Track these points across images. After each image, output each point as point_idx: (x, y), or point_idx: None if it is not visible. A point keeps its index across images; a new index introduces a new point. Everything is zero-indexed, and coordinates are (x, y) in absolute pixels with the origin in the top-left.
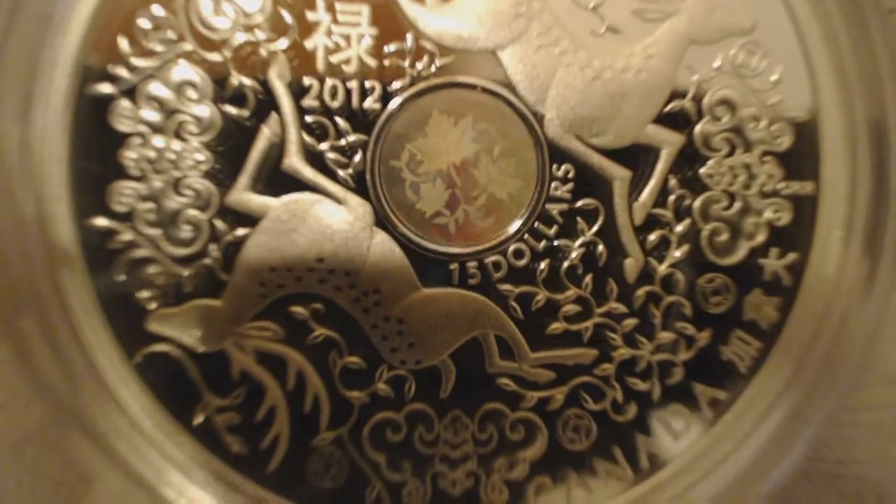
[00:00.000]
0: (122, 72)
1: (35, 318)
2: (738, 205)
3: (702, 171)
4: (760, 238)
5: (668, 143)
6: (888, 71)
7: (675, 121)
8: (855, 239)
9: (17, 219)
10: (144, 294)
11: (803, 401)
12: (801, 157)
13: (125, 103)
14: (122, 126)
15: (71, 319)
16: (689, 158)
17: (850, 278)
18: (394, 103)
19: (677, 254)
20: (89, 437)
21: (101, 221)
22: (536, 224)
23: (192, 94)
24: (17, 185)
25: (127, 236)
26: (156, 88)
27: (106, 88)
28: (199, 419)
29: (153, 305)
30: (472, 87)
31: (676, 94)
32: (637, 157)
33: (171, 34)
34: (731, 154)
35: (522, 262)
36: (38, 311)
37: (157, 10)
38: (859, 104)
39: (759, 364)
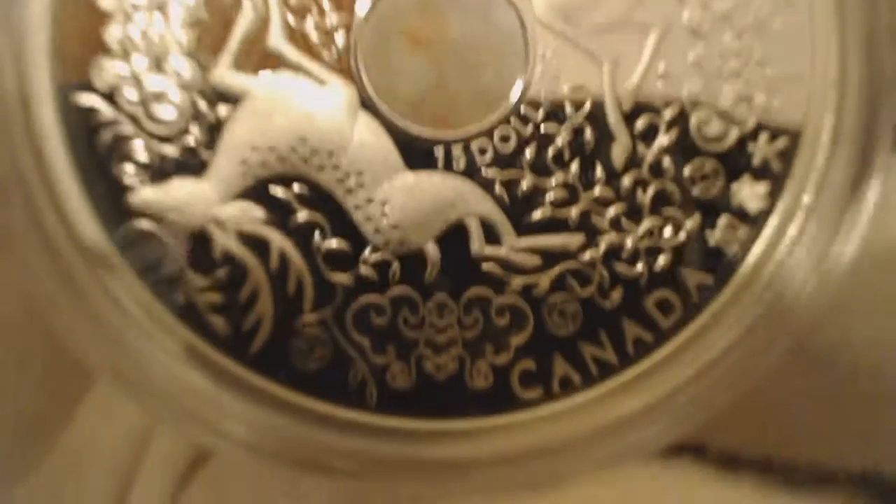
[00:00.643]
0: None
1: (20, 197)
2: (727, 90)
3: (691, 55)
4: (750, 123)
5: (657, 25)
6: None
7: (665, 4)
8: (846, 127)
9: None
10: (127, 171)
11: (793, 287)
12: (791, 41)
13: None
14: (105, 3)
15: (54, 196)
16: (678, 43)
17: (839, 165)
18: None
19: (665, 139)
20: (76, 316)
21: (83, 98)
22: (523, 108)
23: None
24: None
25: (109, 114)
26: None
27: None
28: (181, 298)
29: (136, 183)
30: None
31: None
32: (626, 40)
33: None
34: (720, 39)
35: (509, 147)
36: (23, 190)
37: None
38: None
39: (747, 249)
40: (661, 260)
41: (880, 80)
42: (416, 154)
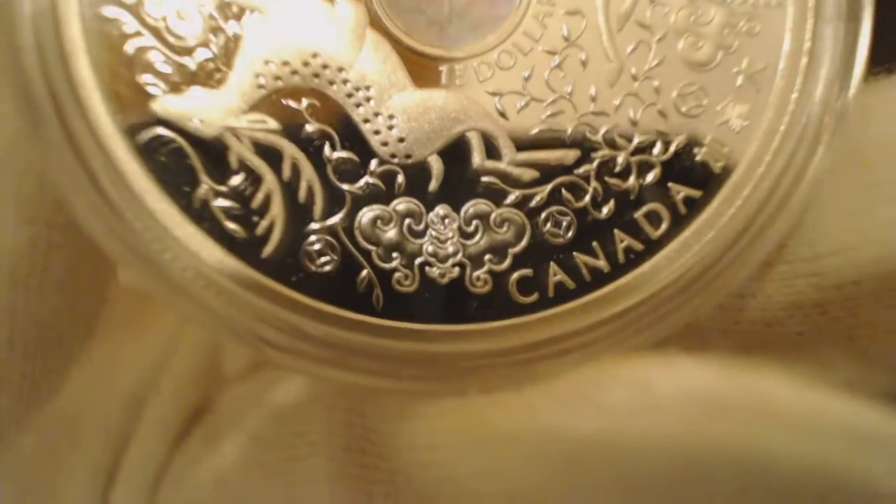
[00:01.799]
0: None
1: (47, 100)
2: (713, 14)
3: None
4: (734, 47)
5: None
6: None
7: None
8: (822, 49)
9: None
10: (149, 81)
11: (775, 199)
12: None
13: None
14: None
15: (80, 102)
16: None
17: (816, 87)
18: None
19: (656, 61)
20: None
21: (107, 10)
22: (523, 30)
23: None
24: None
25: (132, 26)
26: None
27: None
28: (197, 203)
29: (156, 92)
30: None
31: None
32: None
33: None
34: None
35: (509, 67)
36: (50, 94)
37: None
38: None
39: (731, 164)
40: (651, 174)
41: (855, 8)
42: (421, 71)
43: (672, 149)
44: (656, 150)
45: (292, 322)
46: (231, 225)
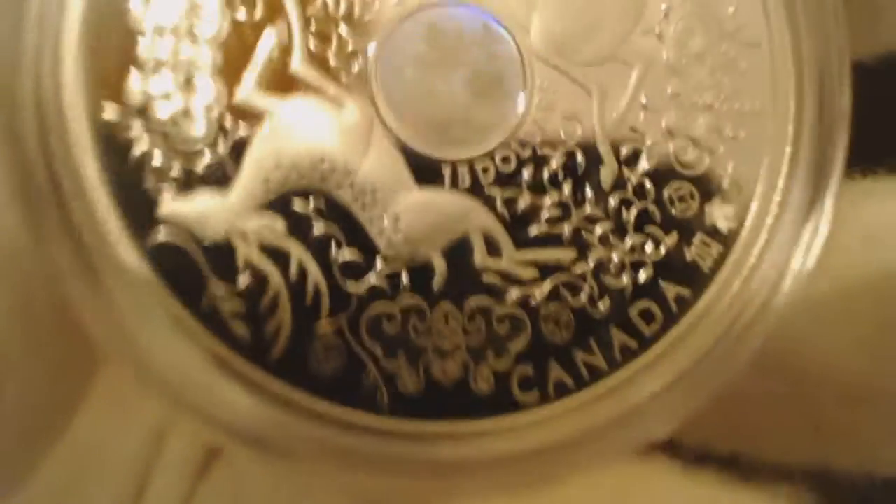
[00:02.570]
0: None
1: (53, 204)
2: (701, 121)
3: (669, 90)
4: (720, 151)
5: (640, 61)
6: (832, 9)
7: (647, 42)
8: (801, 157)
9: (39, 121)
10: (156, 184)
11: (758, 300)
12: (754, 80)
13: (139, 2)
14: (136, 25)
15: (86, 205)
16: (658, 78)
17: (796, 189)
18: (392, 14)
19: (647, 164)
20: (103, 318)
21: (115, 113)
22: (522, 133)
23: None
24: (41, 74)
25: (139, 129)
26: None
27: None
28: (205, 305)
29: (164, 197)
30: (463, 2)
31: (647, 18)
32: (613, 73)
33: None
34: (694, 75)
35: (509, 168)
36: (57, 199)
37: None
38: (806, 37)
39: (719, 264)
40: (644, 273)
41: (832, 117)
42: (425, 172)
43: (663, 249)
44: (649, 249)
45: (297, 423)
46: (238, 327)
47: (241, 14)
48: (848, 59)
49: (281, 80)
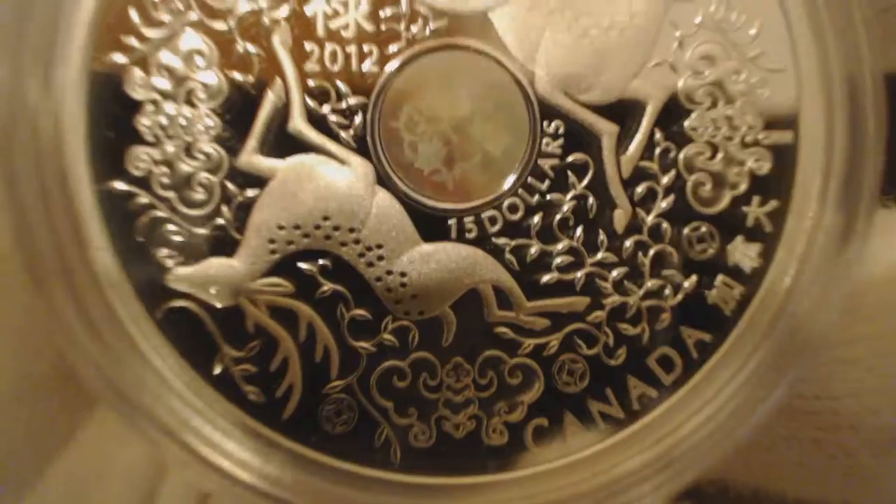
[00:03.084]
0: (133, 42)
1: (61, 279)
2: (720, 155)
3: (686, 123)
4: (743, 187)
5: (653, 97)
6: (862, 25)
7: (660, 76)
8: (833, 187)
9: (41, 187)
10: (163, 253)
11: (785, 342)
12: (780, 108)
13: (138, 72)
14: (136, 94)
15: (95, 279)
16: (673, 112)
17: (827, 223)
18: (391, 66)
19: (664, 204)
20: (115, 391)
21: (119, 185)
22: (529, 179)
23: (199, 61)
24: (41, 155)
25: (144, 199)
26: (165, 57)
27: (119, 58)
28: (218, 370)
29: (171, 264)
30: (465, 48)
31: (660, 50)
32: (624, 112)
33: (178, 4)
34: (713, 107)
35: (517, 216)
36: (65, 274)
37: None
38: (834, 57)
39: (742, 308)
40: (662, 319)
41: (865, 142)
42: (430, 226)
43: (682, 292)
44: (666, 293)
45: (311, 480)
46: (251, 389)
47: (238, 76)
48: (881, 80)
49: (281, 141)
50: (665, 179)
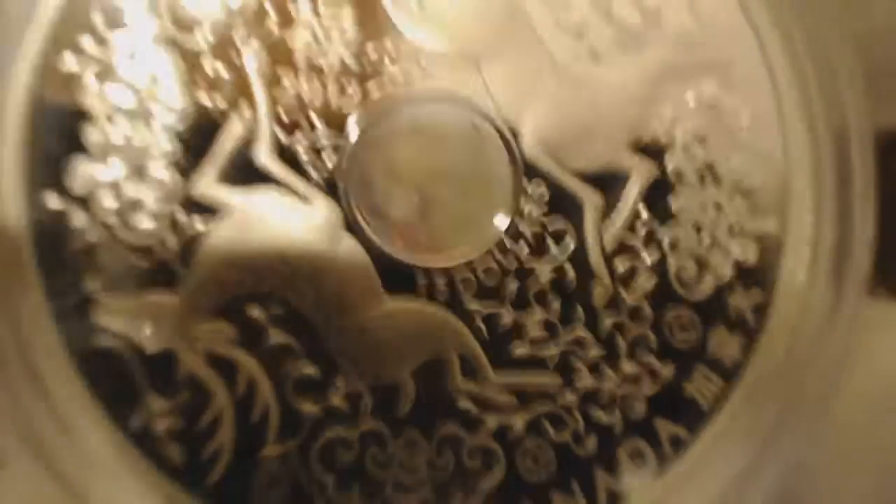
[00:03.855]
0: (91, 47)
1: None
2: (706, 240)
3: (673, 203)
4: (727, 275)
5: (641, 171)
6: (854, 120)
7: (649, 151)
8: (819, 279)
9: None
10: (94, 283)
11: (765, 441)
12: (768, 197)
13: (93, 80)
14: (88, 103)
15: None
16: (661, 189)
17: (812, 323)
18: (372, 106)
19: (646, 285)
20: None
21: (55, 202)
22: (508, 243)
23: (163, 78)
24: None
25: (81, 220)
26: (126, 68)
27: (73, 63)
28: (137, 422)
29: (102, 296)
30: (453, 96)
31: (651, 126)
32: (610, 183)
33: (146, 10)
34: (701, 188)
35: (492, 282)
36: None
37: None
38: (825, 149)
39: (721, 402)
40: (637, 408)
41: (851, 241)
42: (397, 281)
43: (659, 382)
44: (643, 382)
45: None
46: (174, 449)
47: (205, 98)
48: (873, 174)
49: (243, 173)
50: (648, 258)
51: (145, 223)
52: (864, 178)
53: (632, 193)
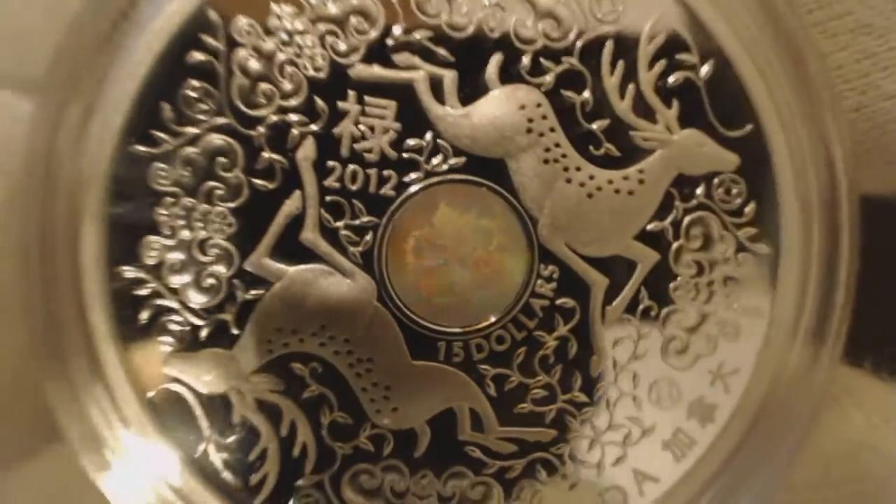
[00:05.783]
0: (162, 135)
1: (61, 356)
2: (696, 319)
3: (671, 286)
4: (710, 351)
5: (645, 258)
6: (847, 216)
7: (654, 239)
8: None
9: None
10: (163, 339)
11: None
12: (758, 287)
13: (162, 164)
14: (158, 185)
15: (96, 358)
16: (661, 273)
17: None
18: (406, 193)
19: (637, 356)
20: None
21: (130, 271)
22: (519, 315)
23: (224, 163)
24: (58, 230)
25: (152, 286)
26: (192, 154)
27: (146, 149)
28: (199, 453)
29: (170, 350)
30: (479, 185)
31: (658, 217)
32: (616, 267)
33: (211, 105)
34: (699, 275)
35: (502, 348)
36: (64, 350)
37: (202, 82)
38: (817, 245)
39: (691, 458)
40: (618, 457)
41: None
42: (421, 346)
43: (640, 436)
44: (626, 434)
45: None
46: (227, 476)
47: (259, 182)
48: (854, 279)
49: (291, 248)
50: (643, 335)
51: (206, 291)
52: (848, 283)
53: (634, 278)
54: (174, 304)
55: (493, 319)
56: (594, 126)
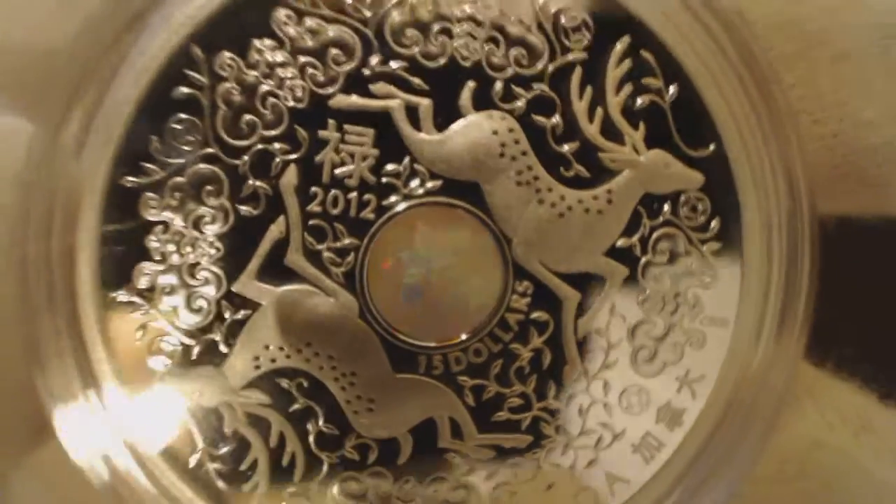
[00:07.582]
0: (151, 166)
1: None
2: (664, 329)
3: (639, 299)
4: (677, 359)
5: (615, 273)
6: (807, 230)
7: (623, 255)
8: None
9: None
10: (157, 359)
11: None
12: (722, 298)
13: (152, 194)
14: (149, 214)
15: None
16: (630, 287)
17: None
18: (386, 216)
19: (609, 364)
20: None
21: (123, 296)
22: (496, 329)
23: (211, 190)
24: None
25: (145, 309)
26: (180, 184)
27: (136, 180)
28: (193, 463)
29: (161, 369)
30: (455, 207)
31: (626, 233)
32: (587, 282)
33: (197, 137)
34: (666, 287)
35: (480, 360)
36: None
37: (188, 115)
38: (778, 258)
39: (660, 460)
40: (591, 462)
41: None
42: (402, 360)
43: (611, 440)
44: (597, 439)
45: None
46: (220, 484)
47: (246, 209)
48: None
49: (277, 270)
50: (612, 345)
51: (196, 312)
52: (811, 259)
53: (605, 292)
54: (165, 326)
55: (470, 333)
56: (565, 148)
